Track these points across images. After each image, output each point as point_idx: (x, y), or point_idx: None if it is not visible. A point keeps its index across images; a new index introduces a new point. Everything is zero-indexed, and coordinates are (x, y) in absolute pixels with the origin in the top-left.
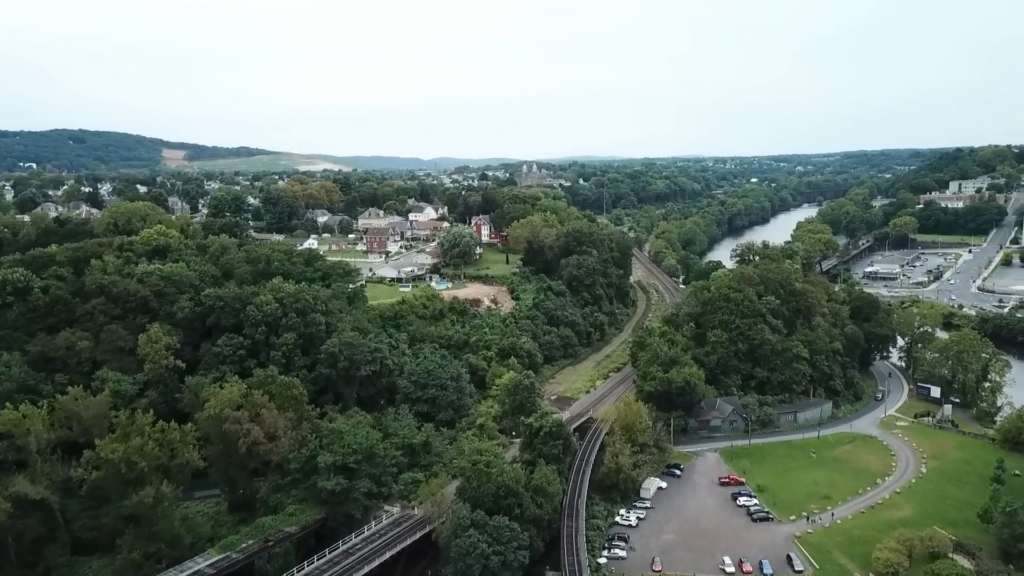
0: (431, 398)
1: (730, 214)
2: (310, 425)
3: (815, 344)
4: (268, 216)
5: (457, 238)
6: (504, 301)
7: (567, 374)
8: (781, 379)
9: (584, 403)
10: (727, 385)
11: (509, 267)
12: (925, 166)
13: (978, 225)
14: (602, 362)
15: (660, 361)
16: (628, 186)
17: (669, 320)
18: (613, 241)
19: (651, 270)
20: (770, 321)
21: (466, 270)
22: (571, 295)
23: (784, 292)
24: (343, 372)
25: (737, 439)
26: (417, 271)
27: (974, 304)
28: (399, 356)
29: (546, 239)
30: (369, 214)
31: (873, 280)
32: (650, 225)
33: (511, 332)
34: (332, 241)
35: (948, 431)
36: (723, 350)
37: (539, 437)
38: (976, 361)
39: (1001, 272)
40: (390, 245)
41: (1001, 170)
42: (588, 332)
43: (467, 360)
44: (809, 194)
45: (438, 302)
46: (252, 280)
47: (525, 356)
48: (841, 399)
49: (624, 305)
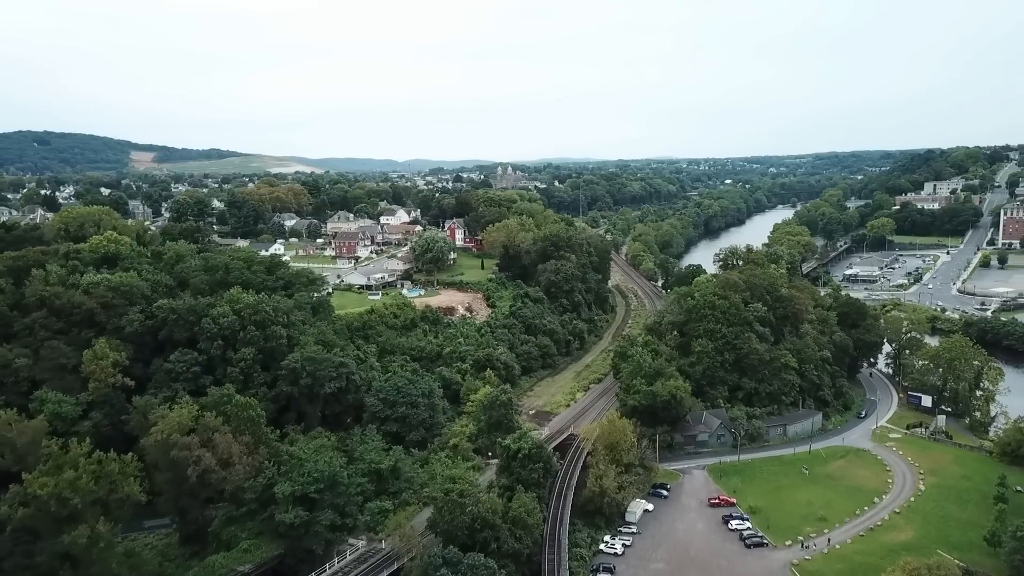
0: (401, 417)
1: (706, 216)
2: (268, 450)
3: (803, 353)
4: (233, 220)
5: (430, 243)
6: (479, 309)
7: (546, 386)
8: (769, 390)
9: (564, 418)
10: (713, 397)
11: (484, 273)
12: (897, 167)
13: (954, 226)
14: (582, 372)
15: (644, 373)
16: (604, 188)
17: (652, 329)
18: (591, 245)
19: (629, 274)
20: (757, 329)
21: (439, 276)
22: (549, 302)
23: (770, 298)
24: (306, 389)
25: (725, 454)
26: (388, 278)
27: (956, 307)
28: (367, 370)
29: (522, 244)
30: (338, 218)
31: (853, 283)
32: (627, 227)
33: (487, 342)
34: (300, 246)
35: (943, 443)
36: (709, 360)
37: (517, 460)
38: (969, 369)
39: (980, 274)
40: (360, 250)
41: (974, 171)
42: (567, 341)
43: (440, 374)
44: (783, 195)
45: (409, 311)
46: (209, 290)
47: (502, 368)
48: (831, 410)
49: (603, 311)
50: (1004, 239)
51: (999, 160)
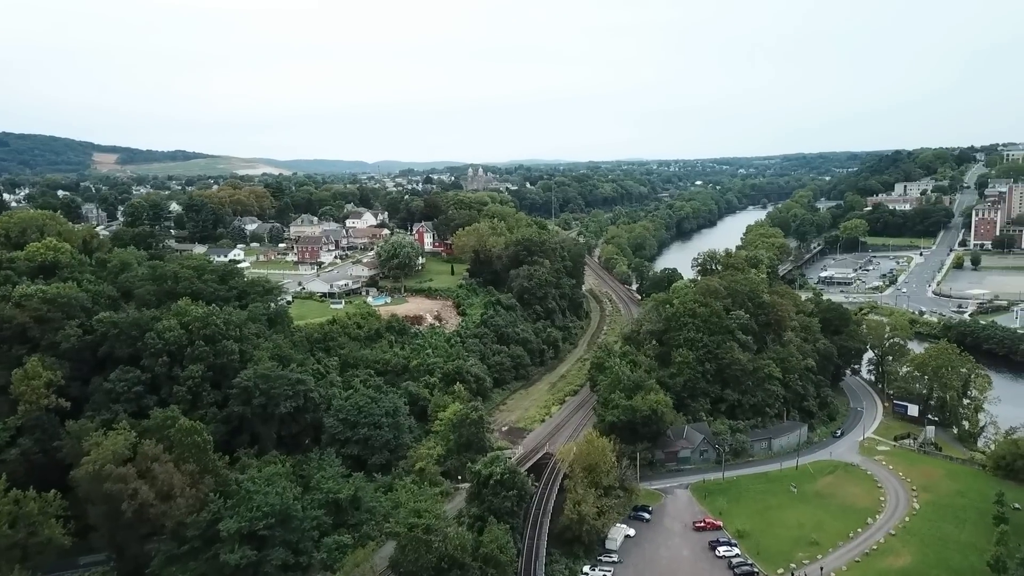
0: (363, 439)
1: (678, 217)
2: (215, 479)
3: (787, 362)
4: (191, 224)
5: (396, 248)
6: (449, 317)
7: (519, 399)
8: (753, 402)
9: (539, 435)
10: (695, 410)
11: (454, 278)
12: (866, 168)
13: (926, 227)
14: (557, 383)
15: (622, 387)
16: (575, 190)
17: (629, 338)
18: (565, 249)
19: (603, 277)
20: (739, 338)
21: (407, 283)
22: (522, 309)
23: (752, 305)
24: (259, 409)
25: (709, 471)
26: (352, 284)
27: (933, 309)
28: (327, 387)
29: (494, 248)
30: (302, 221)
31: (828, 285)
32: (599, 230)
33: (457, 353)
34: (261, 251)
35: (933, 456)
36: (690, 371)
37: (488, 487)
38: (956, 377)
39: (954, 275)
40: (323, 255)
41: (942, 172)
42: (541, 350)
43: (406, 388)
44: (754, 196)
45: (374, 320)
46: (156, 302)
47: (472, 381)
48: (816, 421)
49: (578, 317)
50: (976, 240)
51: (966, 161)
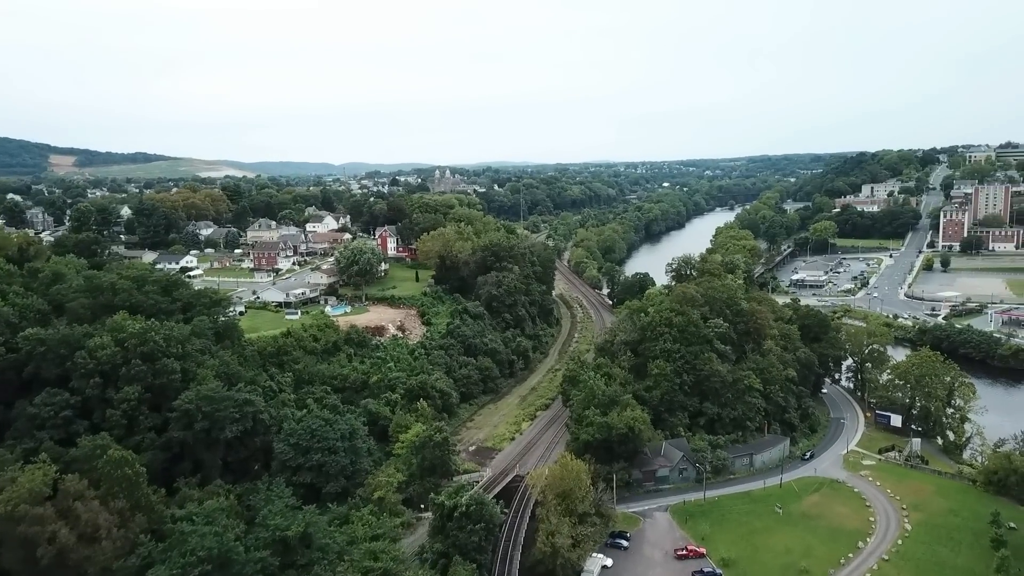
0: (316, 465)
1: (647, 220)
2: (147, 517)
3: (768, 373)
4: (141, 230)
5: (356, 254)
6: (413, 327)
7: (488, 415)
8: (733, 415)
9: (509, 455)
10: (673, 425)
11: (419, 285)
12: (831, 170)
13: (894, 229)
14: (528, 397)
15: (597, 402)
16: (544, 192)
17: (603, 349)
18: (535, 254)
19: (573, 282)
20: (718, 348)
21: (368, 290)
22: (490, 317)
23: (730, 313)
24: (202, 434)
25: (689, 491)
26: (310, 293)
27: (907, 312)
28: (278, 406)
29: (460, 254)
30: (259, 225)
31: (800, 288)
32: (568, 232)
33: (421, 367)
34: (215, 257)
35: (920, 470)
36: (667, 384)
37: (453, 520)
38: (940, 386)
39: (925, 277)
40: (281, 262)
41: (907, 173)
42: (511, 360)
43: (365, 407)
44: (721, 198)
45: (332, 332)
46: (91, 316)
47: (437, 397)
48: (798, 434)
49: (548, 324)
50: (944, 241)
51: (930, 163)
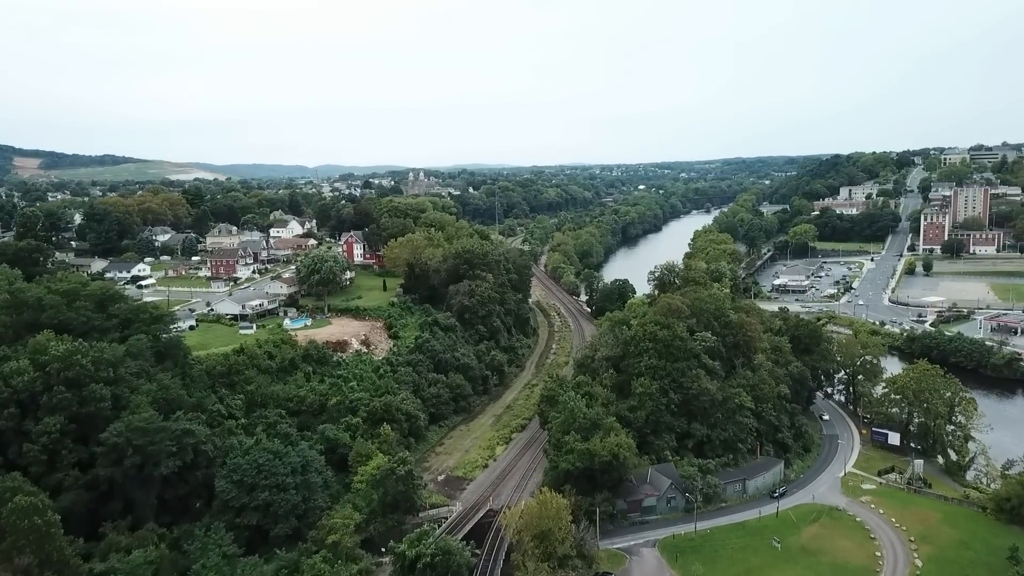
0: (263, 505)
1: (624, 223)
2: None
3: (759, 389)
4: (92, 236)
5: (317, 262)
6: (378, 341)
7: (459, 438)
8: (724, 437)
9: (482, 484)
10: (659, 448)
11: (387, 295)
12: (807, 172)
13: (874, 232)
14: (502, 417)
15: (577, 426)
16: (520, 195)
17: (583, 365)
18: (510, 261)
19: (550, 288)
20: (706, 363)
21: (332, 301)
22: (463, 329)
23: (718, 325)
24: (133, 471)
25: (678, 522)
26: (268, 304)
27: (893, 319)
28: (225, 435)
29: (430, 261)
30: (219, 231)
31: (783, 293)
32: (544, 236)
33: (386, 386)
34: (171, 265)
35: (925, 495)
36: (652, 404)
37: (416, 572)
38: (940, 402)
39: (908, 282)
40: (240, 270)
41: (884, 176)
42: (484, 376)
43: (323, 433)
44: (698, 200)
45: (289, 348)
46: (13, 336)
47: (403, 420)
48: (792, 455)
49: (524, 335)
50: (925, 244)
51: (906, 165)
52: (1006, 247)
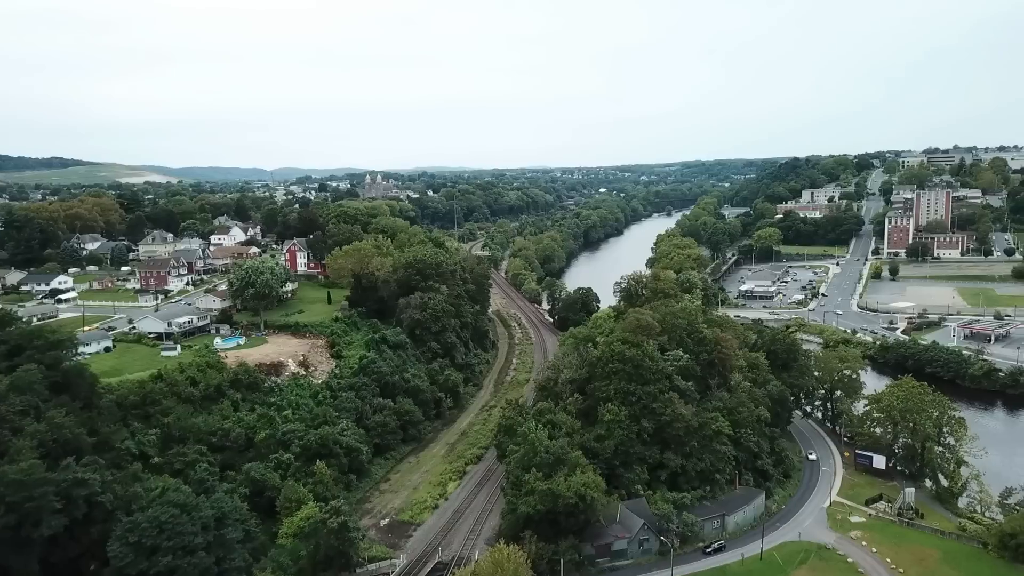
0: (167, 571)
1: (585, 227)
2: None
3: (738, 413)
4: (11, 245)
5: (252, 274)
6: (319, 362)
7: (407, 471)
8: (700, 468)
9: (431, 530)
10: (630, 482)
11: (332, 308)
12: (767, 175)
13: (838, 235)
14: (456, 445)
15: (539, 461)
16: (480, 198)
17: (545, 388)
18: (467, 270)
19: (510, 296)
20: (679, 385)
21: (270, 316)
22: (414, 346)
23: (692, 342)
24: (8, 532)
25: (652, 568)
26: (198, 321)
27: (863, 326)
28: (128, 482)
29: (379, 271)
30: (153, 239)
31: (750, 300)
32: (505, 241)
33: (324, 415)
34: (97, 276)
35: (918, 528)
36: (622, 432)
37: None
38: (928, 422)
39: (874, 286)
40: (172, 281)
41: (845, 179)
42: (437, 399)
43: (248, 473)
44: (659, 204)
45: (215, 373)
46: None
47: (343, 455)
48: (772, 483)
49: (483, 349)
50: (889, 248)
51: (866, 167)
52: (970, 250)
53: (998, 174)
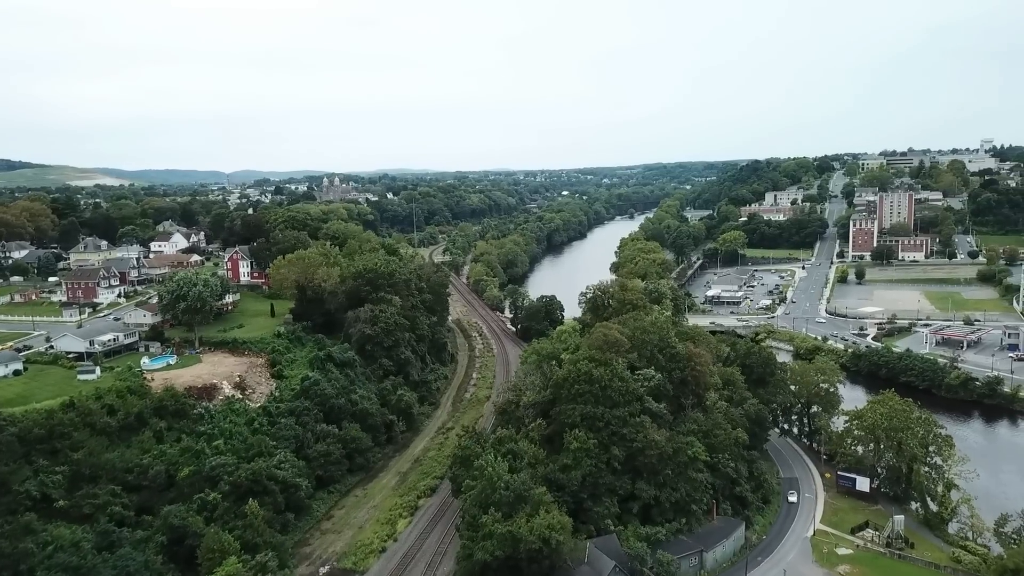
0: None
1: (548, 230)
2: None
3: (714, 436)
4: None
5: (184, 286)
6: (257, 383)
7: (353, 507)
8: (675, 498)
9: None
10: (599, 516)
11: (276, 322)
12: (728, 177)
13: (802, 238)
14: (408, 474)
15: (498, 499)
16: (441, 201)
17: (505, 412)
18: (423, 279)
19: (471, 303)
20: (651, 407)
21: (207, 331)
22: (363, 363)
23: (663, 358)
24: None
25: None
26: (124, 338)
27: (834, 333)
28: (17, 535)
29: (325, 282)
30: (86, 246)
31: (717, 305)
32: (467, 245)
33: (260, 444)
34: (21, 288)
35: (910, 561)
36: (590, 462)
37: None
38: (915, 442)
39: (841, 290)
40: (102, 294)
41: (806, 181)
42: (388, 423)
43: (166, 518)
44: (621, 206)
45: (136, 400)
46: None
47: (279, 492)
48: (752, 511)
49: (441, 363)
50: (854, 251)
51: (827, 170)
52: (934, 253)
53: (958, 176)
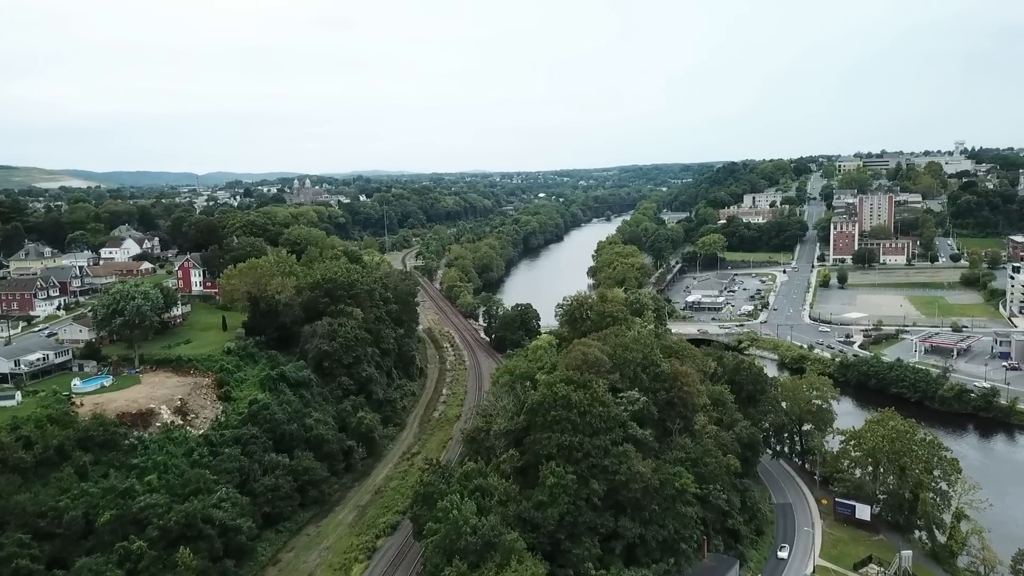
0: None
1: (525, 233)
2: None
3: (704, 464)
4: None
5: (121, 300)
6: (202, 407)
7: (303, 548)
8: (662, 536)
9: None
10: (578, 560)
11: (228, 336)
12: (705, 179)
13: (782, 241)
14: (368, 509)
15: (464, 546)
16: (416, 203)
17: (474, 441)
18: (389, 288)
19: (444, 310)
20: (635, 434)
21: (149, 348)
22: (321, 383)
23: (647, 378)
24: None
25: None
26: (55, 357)
27: (820, 341)
28: None
29: (279, 293)
30: (27, 253)
31: (697, 311)
32: (441, 248)
33: (199, 479)
34: None
35: None
36: (568, 498)
37: None
38: (920, 468)
39: (824, 295)
40: (40, 306)
41: (784, 183)
42: (347, 449)
43: (79, 573)
44: (598, 208)
45: (57, 430)
46: None
47: (216, 536)
48: (745, 546)
49: (409, 378)
50: (835, 255)
51: (804, 172)
52: (916, 256)
53: (936, 178)
